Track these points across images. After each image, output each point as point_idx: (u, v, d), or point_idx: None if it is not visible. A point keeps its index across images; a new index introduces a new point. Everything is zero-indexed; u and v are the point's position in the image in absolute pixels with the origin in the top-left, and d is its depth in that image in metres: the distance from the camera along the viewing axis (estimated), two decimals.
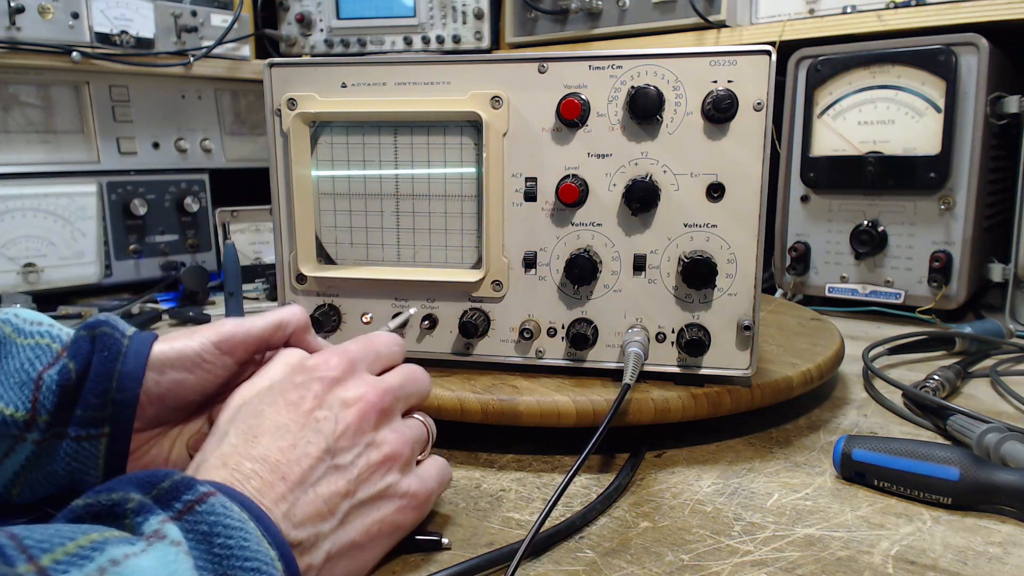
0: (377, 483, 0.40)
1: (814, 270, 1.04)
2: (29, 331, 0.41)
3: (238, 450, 0.37)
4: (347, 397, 0.40)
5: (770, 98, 0.52)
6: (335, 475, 0.38)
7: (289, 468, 0.36)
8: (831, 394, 0.70)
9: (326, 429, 0.38)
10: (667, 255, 0.56)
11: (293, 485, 0.36)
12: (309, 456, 0.37)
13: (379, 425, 0.41)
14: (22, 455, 0.39)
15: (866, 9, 1.04)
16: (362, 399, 0.41)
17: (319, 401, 0.39)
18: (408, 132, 0.58)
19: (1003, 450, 0.50)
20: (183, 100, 1.28)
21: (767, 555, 0.41)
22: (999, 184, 1.03)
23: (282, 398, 0.39)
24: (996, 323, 0.86)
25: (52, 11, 1.06)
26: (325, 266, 0.61)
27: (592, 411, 0.52)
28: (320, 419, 0.39)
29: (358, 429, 0.40)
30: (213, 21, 1.26)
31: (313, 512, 0.36)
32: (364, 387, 0.41)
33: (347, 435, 0.39)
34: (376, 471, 0.40)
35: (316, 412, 0.39)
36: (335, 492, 0.37)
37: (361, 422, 0.40)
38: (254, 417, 0.39)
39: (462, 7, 1.38)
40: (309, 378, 0.40)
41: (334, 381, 0.41)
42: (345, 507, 0.38)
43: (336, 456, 0.38)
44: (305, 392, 0.40)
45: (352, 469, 0.39)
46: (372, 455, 0.40)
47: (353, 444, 0.39)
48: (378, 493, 0.39)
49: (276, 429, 0.38)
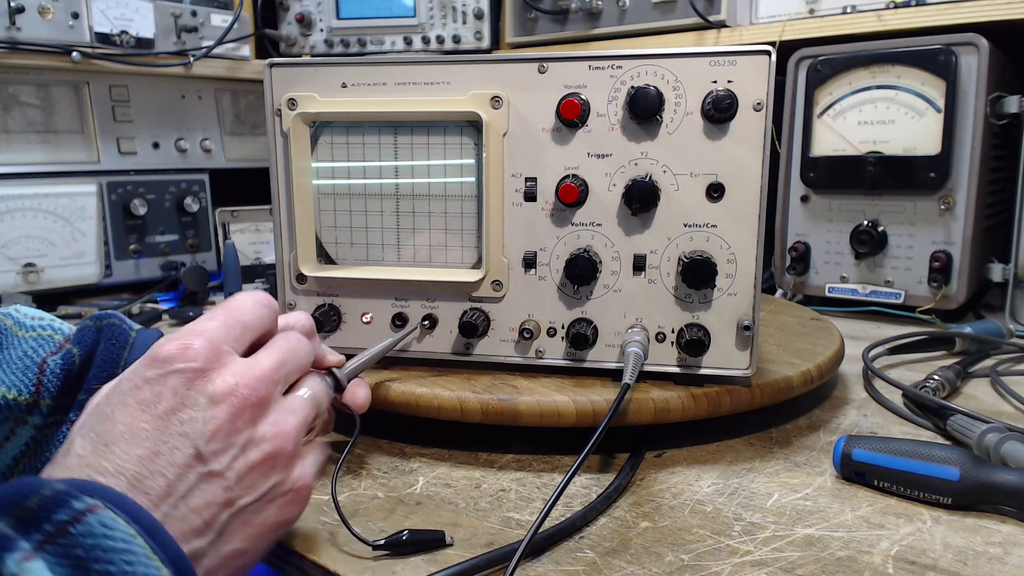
0: (260, 486, 0.35)
1: (814, 270, 1.04)
2: (31, 325, 0.41)
3: (86, 462, 0.31)
4: (215, 392, 0.34)
5: (770, 98, 0.52)
6: (209, 484, 0.33)
7: (152, 480, 0.31)
8: (831, 394, 0.70)
9: (193, 431, 0.33)
10: (667, 255, 0.56)
11: (157, 500, 0.31)
12: (175, 464, 0.32)
13: (256, 419, 0.35)
14: (22, 439, 0.38)
15: (866, 9, 1.04)
16: (233, 393, 0.35)
17: (180, 399, 0.33)
18: (408, 132, 0.58)
19: (1003, 450, 0.50)
20: (183, 100, 1.28)
21: (767, 555, 0.41)
22: (999, 184, 1.03)
23: (133, 397, 0.33)
24: (996, 323, 0.86)
25: (52, 11, 1.06)
26: (325, 266, 0.61)
27: (592, 411, 0.52)
28: (184, 420, 0.33)
29: (232, 428, 0.34)
30: (213, 21, 1.26)
31: (187, 529, 0.32)
32: (234, 377, 0.35)
33: (219, 436, 0.33)
34: (257, 473, 0.35)
35: (179, 413, 0.33)
36: (211, 502, 0.33)
37: (235, 420, 0.34)
38: (102, 422, 0.33)
39: (462, 7, 1.38)
40: (164, 372, 0.34)
41: (197, 373, 0.34)
42: (224, 518, 0.33)
43: (208, 462, 0.33)
44: (161, 388, 0.34)
45: (229, 475, 0.33)
46: (251, 455, 0.35)
47: (228, 446, 0.34)
48: (261, 497, 0.35)
49: (131, 435, 0.32)
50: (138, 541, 0.28)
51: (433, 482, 0.51)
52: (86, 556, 0.26)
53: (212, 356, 0.35)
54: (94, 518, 0.27)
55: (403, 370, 0.59)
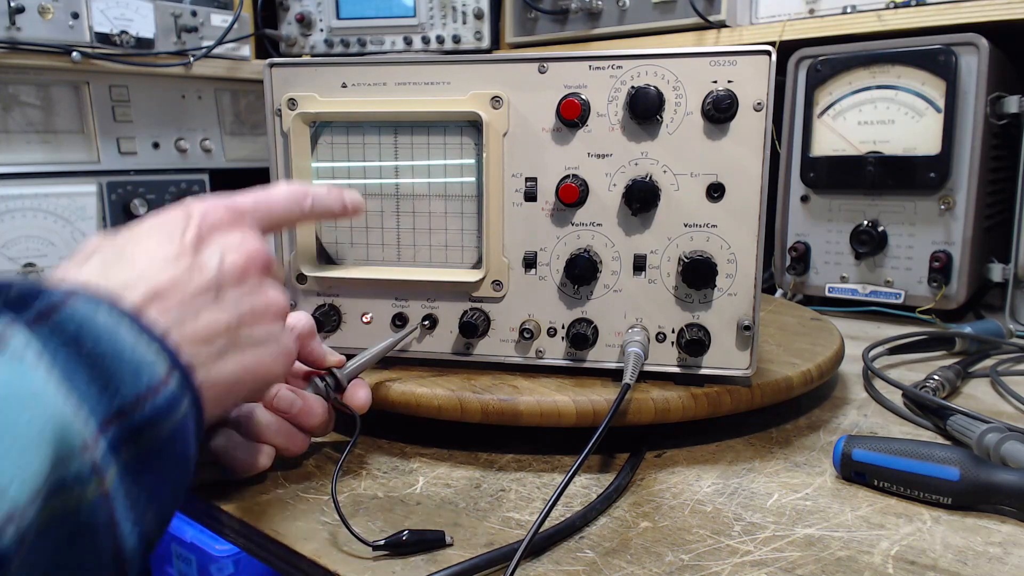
0: (260, 328, 0.38)
1: (814, 270, 1.04)
2: None
3: (105, 272, 0.34)
4: (231, 242, 0.38)
5: (770, 98, 0.52)
6: (219, 310, 0.36)
7: (169, 293, 0.34)
8: (831, 394, 0.70)
9: (210, 264, 0.36)
10: (667, 255, 0.56)
11: (172, 307, 0.34)
12: (191, 284, 0.35)
13: (264, 275, 0.40)
14: None
15: (866, 9, 1.04)
16: (246, 246, 0.39)
17: (202, 240, 0.37)
18: (408, 132, 0.58)
19: (1003, 450, 0.50)
20: (183, 100, 1.28)
21: (767, 555, 0.41)
22: (999, 184, 1.03)
23: (160, 231, 0.37)
24: (996, 323, 0.86)
25: (52, 11, 1.06)
26: (325, 266, 0.61)
27: (592, 411, 0.52)
28: (205, 255, 0.36)
29: (244, 273, 0.38)
30: (213, 21, 1.26)
31: (191, 336, 0.34)
32: (249, 239, 0.39)
33: (233, 276, 0.37)
34: (261, 316, 0.38)
35: (200, 250, 0.37)
36: (217, 324, 0.36)
37: (248, 266, 0.38)
38: (127, 244, 0.36)
39: (462, 7, 1.38)
40: (190, 217, 0.38)
41: (217, 225, 0.38)
42: (223, 343, 0.36)
43: (221, 294, 0.36)
44: (187, 229, 0.37)
45: (236, 308, 0.37)
46: (257, 300, 0.38)
47: (239, 285, 0.38)
48: (260, 338, 0.38)
49: (155, 256, 0.35)
50: (122, 325, 0.30)
51: (433, 482, 0.51)
52: (76, 334, 0.28)
53: (235, 219, 0.40)
54: (77, 304, 0.29)
55: (403, 370, 0.59)
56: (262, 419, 0.48)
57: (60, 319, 0.28)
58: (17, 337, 0.26)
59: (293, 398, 0.49)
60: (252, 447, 0.48)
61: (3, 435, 0.24)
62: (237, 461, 0.48)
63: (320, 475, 0.52)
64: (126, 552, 0.28)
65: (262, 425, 0.48)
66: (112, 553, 0.28)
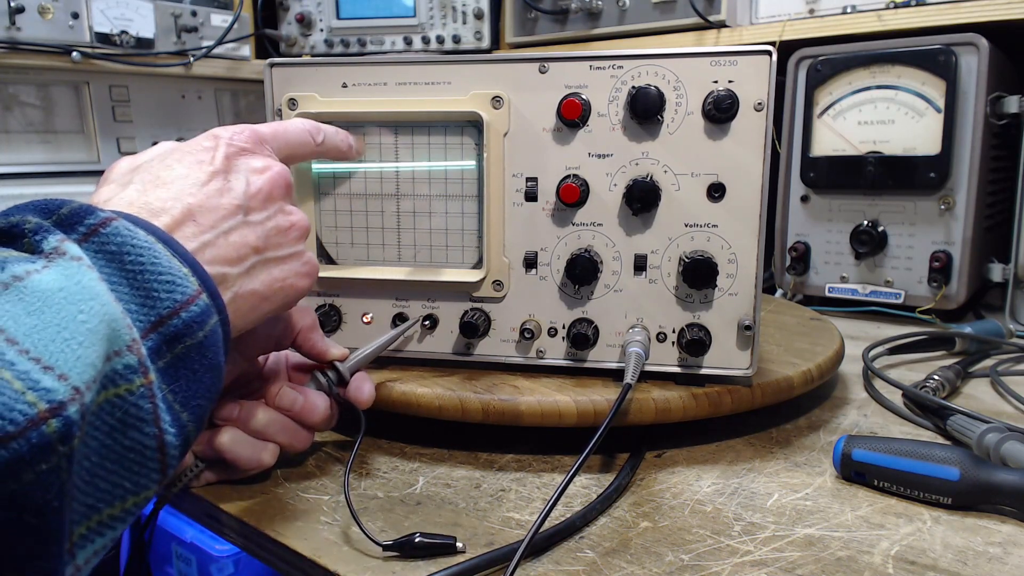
0: (285, 247, 0.42)
1: (814, 270, 1.04)
2: None
3: (145, 194, 0.37)
4: (255, 166, 0.42)
5: (770, 98, 0.52)
6: (246, 229, 0.39)
7: (201, 214, 0.37)
8: (831, 394, 0.70)
9: (238, 187, 0.40)
10: (668, 255, 0.56)
11: (204, 228, 0.37)
12: (222, 207, 0.38)
13: (286, 197, 0.43)
14: None
15: (866, 9, 1.04)
16: (270, 169, 0.42)
17: (229, 163, 0.41)
18: (409, 132, 0.58)
19: (1003, 450, 0.50)
20: (183, 100, 1.28)
21: (767, 555, 0.41)
22: (999, 184, 1.03)
23: (191, 157, 0.40)
24: (996, 323, 0.86)
25: (52, 11, 1.06)
26: (326, 266, 0.61)
27: (593, 411, 0.52)
28: (232, 179, 0.40)
29: (269, 195, 0.41)
30: (213, 21, 1.26)
31: (222, 256, 0.38)
32: (270, 162, 0.43)
33: (259, 197, 0.41)
34: (285, 235, 0.42)
35: (228, 172, 0.40)
36: (245, 243, 0.39)
37: (272, 188, 0.42)
38: (162, 169, 0.39)
39: (462, 7, 1.38)
40: (217, 143, 0.41)
41: (243, 150, 0.42)
42: (253, 259, 0.40)
43: (248, 214, 0.40)
44: (215, 154, 0.40)
45: (262, 228, 0.40)
46: (281, 220, 0.42)
47: (265, 206, 0.41)
48: (285, 255, 0.42)
49: (188, 179, 0.38)
50: (158, 246, 0.33)
51: (433, 482, 0.51)
52: (118, 250, 0.31)
53: (256, 143, 0.43)
54: (119, 224, 0.32)
55: (404, 370, 0.59)
56: (265, 416, 0.48)
57: (104, 237, 0.31)
58: (72, 249, 0.30)
59: (295, 395, 0.49)
60: (256, 444, 0.48)
61: (65, 327, 0.27)
62: (241, 459, 0.48)
63: (320, 475, 0.52)
64: (168, 443, 0.31)
65: (265, 422, 0.48)
66: (157, 442, 0.31)
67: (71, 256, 0.29)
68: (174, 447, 0.32)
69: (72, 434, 0.26)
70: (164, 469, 0.31)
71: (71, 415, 0.26)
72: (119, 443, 0.29)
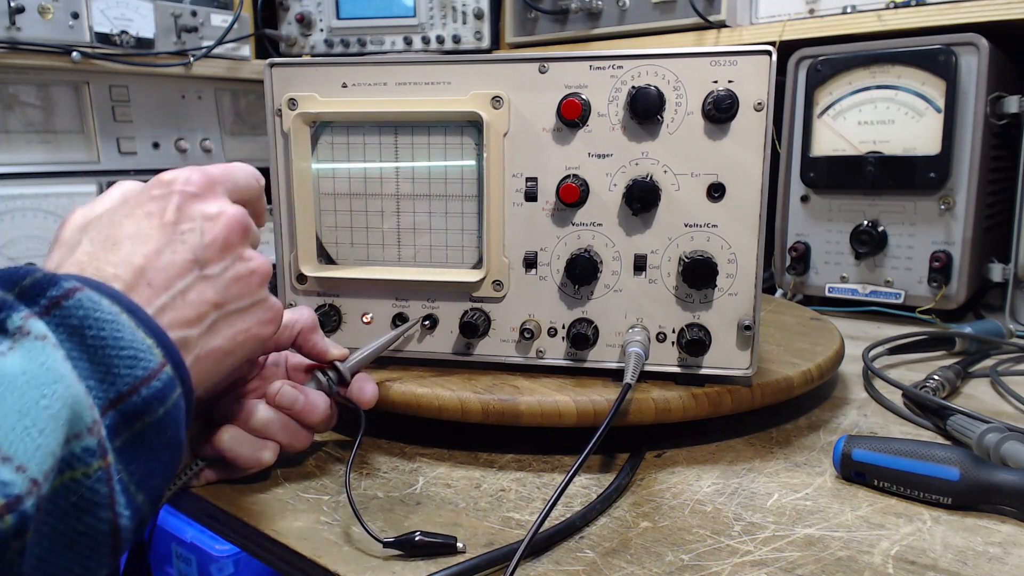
0: (246, 296, 0.40)
1: (814, 270, 1.04)
2: None
3: (96, 256, 0.36)
4: (209, 212, 0.40)
5: (770, 98, 0.52)
6: (204, 285, 0.38)
7: (155, 274, 0.36)
8: (831, 394, 0.70)
9: (192, 240, 0.38)
10: (668, 255, 0.56)
11: (159, 290, 0.36)
12: (175, 264, 0.37)
13: (243, 242, 0.41)
14: None
15: (866, 9, 1.04)
16: (224, 214, 0.40)
17: (181, 214, 0.39)
18: (409, 132, 0.58)
19: (1003, 450, 0.50)
20: (183, 100, 1.28)
21: (767, 555, 0.41)
22: (999, 184, 1.03)
23: (140, 209, 0.38)
24: (996, 323, 0.86)
25: (52, 11, 1.06)
26: (326, 266, 0.61)
27: (593, 411, 0.52)
28: (185, 231, 0.38)
29: (225, 243, 0.40)
30: (213, 21, 1.26)
31: (181, 318, 0.36)
32: (223, 206, 0.41)
33: (214, 247, 0.39)
34: (246, 283, 0.40)
35: (180, 225, 0.38)
36: (204, 300, 0.38)
37: (228, 235, 0.40)
38: (111, 227, 0.37)
39: (462, 7, 1.38)
40: (168, 191, 0.39)
41: (194, 196, 0.40)
42: (214, 316, 0.38)
43: (205, 267, 0.38)
44: (165, 204, 0.39)
45: (220, 280, 0.39)
46: (240, 268, 0.40)
47: (222, 257, 0.39)
48: (247, 306, 0.40)
49: (138, 237, 0.37)
50: (123, 316, 0.31)
51: (433, 482, 0.51)
52: (79, 324, 0.30)
53: (207, 187, 0.41)
54: (83, 295, 0.31)
55: (404, 370, 0.59)
56: (265, 415, 0.48)
57: (66, 311, 0.30)
58: (36, 327, 0.28)
59: (296, 395, 0.49)
60: (256, 443, 0.48)
61: (26, 413, 0.26)
62: (241, 458, 0.48)
63: (320, 475, 0.52)
64: (122, 527, 0.30)
65: (265, 421, 0.48)
66: (111, 526, 0.30)
67: (35, 335, 0.28)
68: (128, 531, 0.31)
69: (27, 528, 0.25)
70: (115, 553, 0.30)
71: (27, 509, 0.25)
72: (72, 528, 0.28)
